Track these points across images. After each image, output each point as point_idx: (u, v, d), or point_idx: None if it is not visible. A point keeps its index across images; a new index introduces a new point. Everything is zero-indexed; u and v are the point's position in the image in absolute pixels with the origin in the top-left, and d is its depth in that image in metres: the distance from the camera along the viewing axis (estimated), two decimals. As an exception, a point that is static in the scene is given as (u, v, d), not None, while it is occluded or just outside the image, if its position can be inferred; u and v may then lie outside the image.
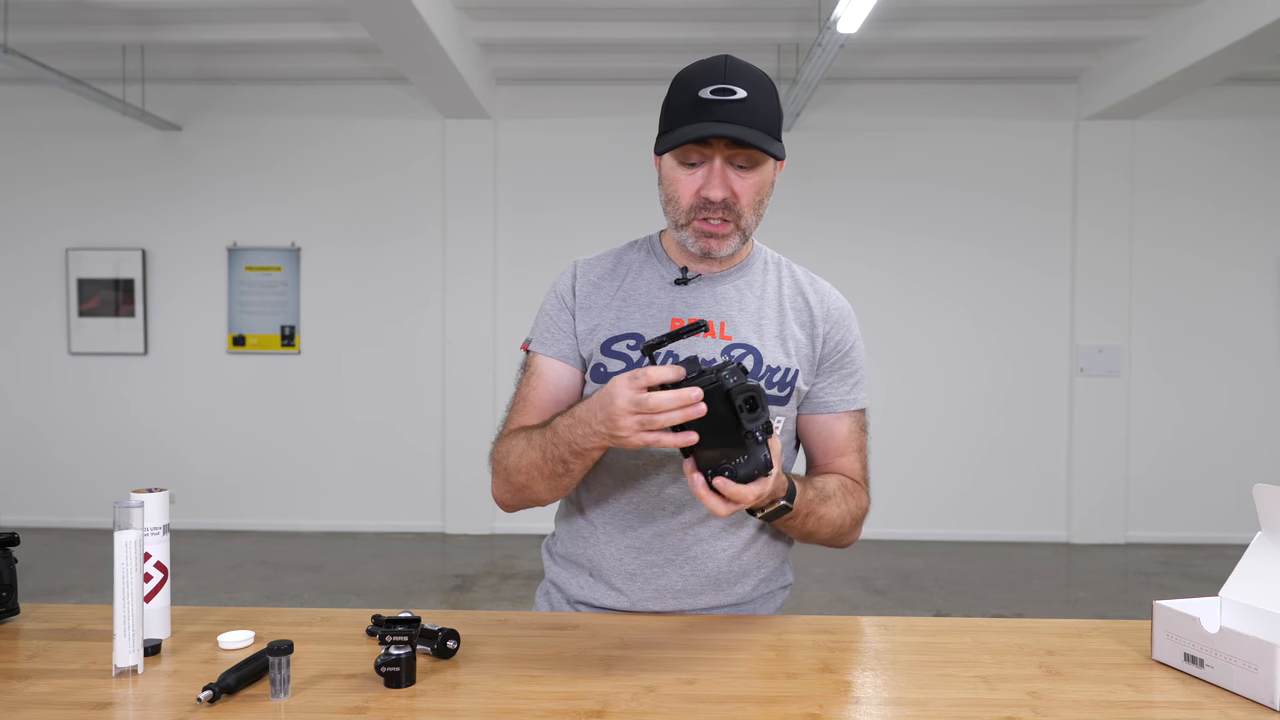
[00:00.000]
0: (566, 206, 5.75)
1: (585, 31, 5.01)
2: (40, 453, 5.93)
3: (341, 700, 0.99)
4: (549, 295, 1.41)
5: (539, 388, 1.36)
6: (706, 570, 1.33)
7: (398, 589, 4.63)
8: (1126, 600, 4.60)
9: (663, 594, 1.33)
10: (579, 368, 1.36)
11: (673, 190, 1.29)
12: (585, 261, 1.42)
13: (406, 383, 5.87)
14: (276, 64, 5.61)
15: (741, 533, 1.35)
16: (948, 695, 1.03)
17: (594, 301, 1.37)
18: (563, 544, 1.43)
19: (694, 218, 1.28)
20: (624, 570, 1.34)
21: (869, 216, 5.80)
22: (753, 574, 1.38)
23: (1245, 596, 1.14)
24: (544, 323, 1.39)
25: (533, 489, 1.28)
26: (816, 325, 1.38)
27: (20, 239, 5.92)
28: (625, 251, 1.43)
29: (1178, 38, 4.66)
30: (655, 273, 1.38)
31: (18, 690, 1.02)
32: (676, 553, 1.33)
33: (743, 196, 1.26)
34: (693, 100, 1.23)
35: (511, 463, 1.28)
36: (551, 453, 1.21)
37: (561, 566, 1.42)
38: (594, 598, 1.36)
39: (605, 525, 1.35)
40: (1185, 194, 5.74)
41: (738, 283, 1.37)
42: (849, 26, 3.79)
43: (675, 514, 1.32)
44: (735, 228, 1.28)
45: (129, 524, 1.05)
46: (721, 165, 1.24)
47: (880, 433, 5.70)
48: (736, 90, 1.21)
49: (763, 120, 1.23)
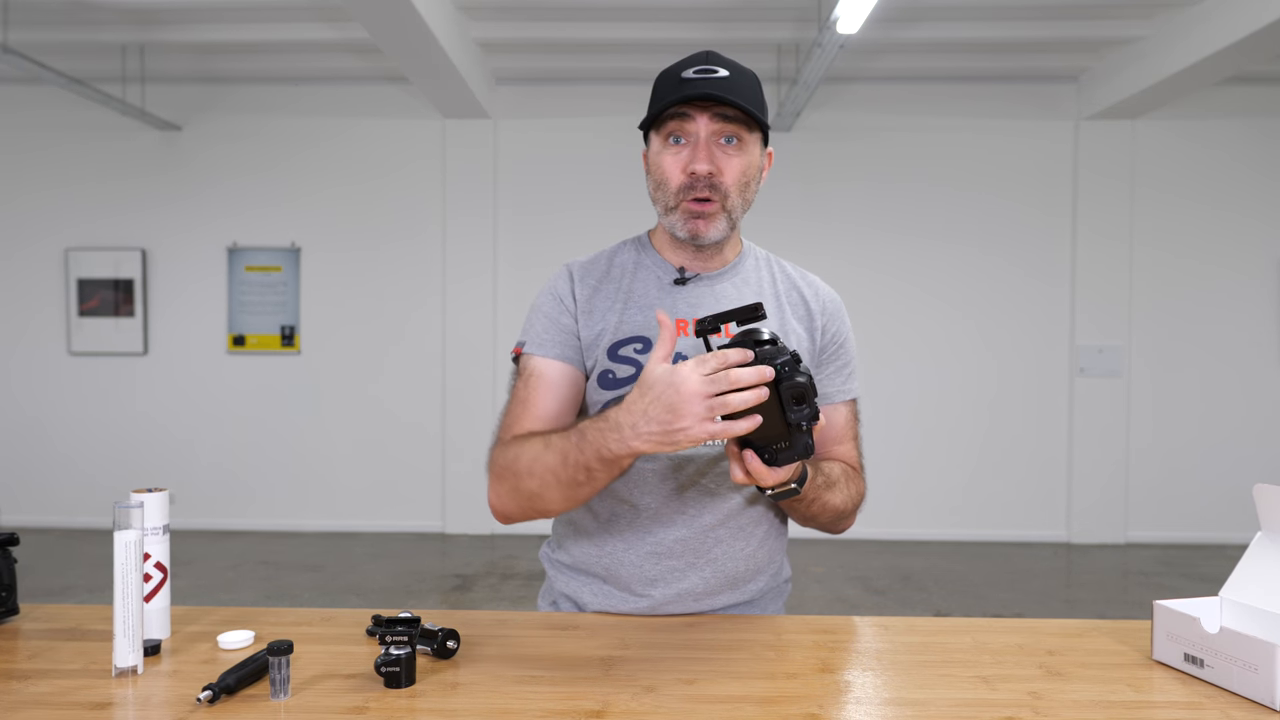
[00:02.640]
0: (567, 207, 5.75)
1: (585, 31, 5.01)
2: (40, 453, 5.93)
3: (341, 700, 0.99)
4: (545, 297, 1.37)
5: (541, 390, 1.30)
6: (727, 571, 1.33)
7: (398, 589, 4.63)
8: (1126, 600, 4.60)
9: (684, 597, 1.32)
10: (581, 370, 1.33)
11: (660, 174, 1.29)
12: (579, 265, 1.39)
13: (406, 382, 5.87)
14: (276, 64, 5.61)
15: (757, 531, 1.36)
16: (948, 695, 1.03)
17: (595, 306, 1.34)
18: (571, 553, 1.38)
19: (682, 199, 1.27)
20: (645, 576, 1.32)
21: (869, 216, 5.79)
22: (765, 570, 1.39)
23: (1245, 596, 1.14)
24: (541, 324, 1.34)
25: (544, 497, 1.20)
26: (814, 319, 1.40)
27: (20, 239, 5.92)
28: (616, 253, 1.41)
29: (1178, 38, 4.66)
30: (651, 274, 1.37)
31: (18, 690, 1.02)
32: (698, 555, 1.32)
33: (728, 174, 1.27)
34: (676, 81, 1.26)
35: (524, 466, 1.20)
36: (575, 459, 1.14)
37: (571, 576, 1.38)
38: (611, 606, 1.33)
39: (623, 533, 1.33)
40: (1185, 194, 5.74)
41: (734, 280, 1.38)
42: (849, 26, 3.79)
43: (696, 517, 1.31)
44: (722, 208, 1.28)
45: (129, 524, 1.05)
46: (707, 139, 1.26)
47: (881, 433, 5.74)
48: (719, 70, 1.25)
49: (746, 97, 1.26)
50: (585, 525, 1.36)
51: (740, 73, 1.27)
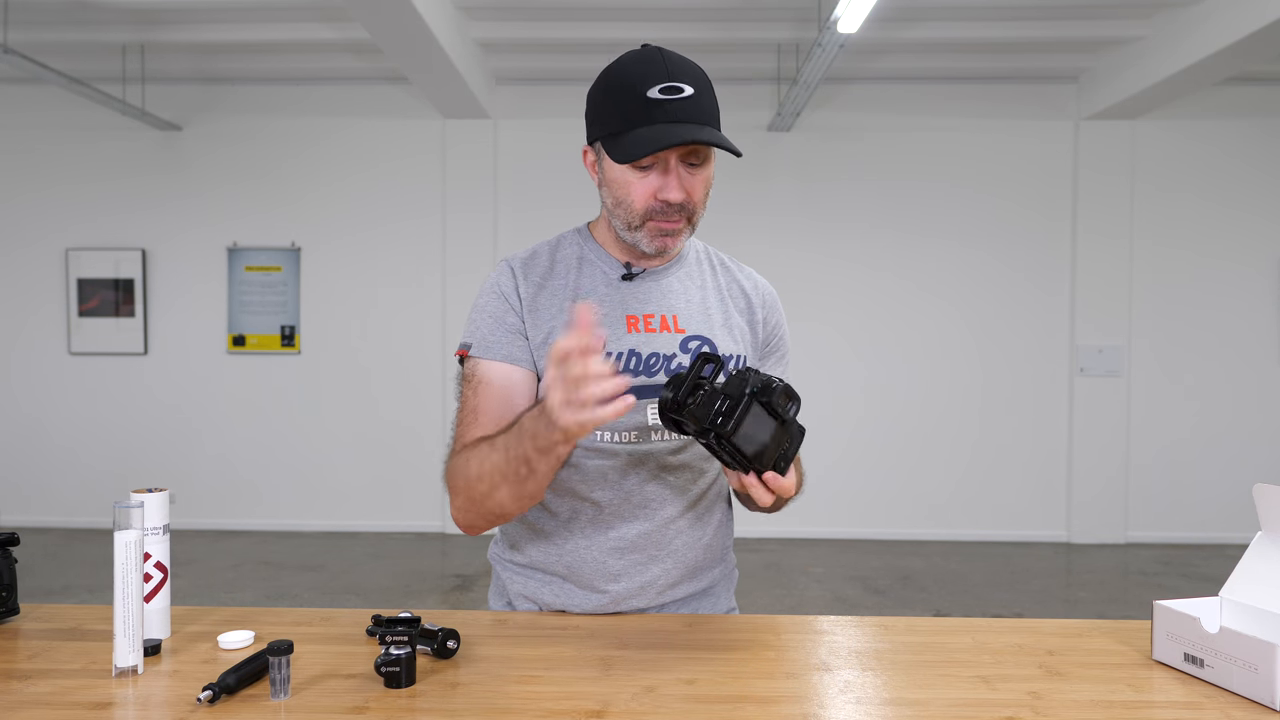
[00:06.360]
0: (567, 207, 5.72)
1: (585, 31, 5.01)
2: (40, 453, 5.93)
3: (341, 700, 0.99)
4: (488, 296, 1.33)
5: (490, 396, 1.27)
6: (686, 561, 1.35)
7: (398, 589, 4.63)
8: (1126, 600, 4.60)
9: (645, 590, 1.33)
10: (531, 369, 1.30)
11: (624, 194, 1.25)
12: (519, 260, 1.36)
13: (406, 383, 5.87)
14: (276, 64, 5.61)
15: (712, 519, 1.38)
16: (948, 695, 1.03)
17: (541, 304, 1.31)
18: (527, 554, 1.37)
19: (649, 219, 1.26)
20: (608, 572, 1.31)
21: (869, 216, 5.79)
22: (719, 558, 1.41)
23: (1245, 596, 1.14)
24: (486, 325, 1.31)
25: (494, 497, 1.19)
26: (755, 311, 1.41)
27: (20, 239, 5.92)
28: (558, 247, 1.38)
29: (1178, 38, 4.66)
30: (597, 270, 1.35)
31: (18, 690, 1.02)
32: (659, 548, 1.32)
33: (695, 194, 1.26)
34: (641, 101, 1.20)
35: (472, 471, 1.20)
36: (515, 452, 1.13)
37: (528, 576, 1.36)
38: (573, 604, 1.33)
39: (583, 529, 1.32)
40: (1185, 194, 5.74)
41: (679, 274, 1.37)
42: (849, 26, 3.80)
43: (657, 510, 1.32)
44: (688, 223, 1.28)
45: (129, 524, 1.05)
46: (676, 165, 1.23)
47: (881, 433, 5.75)
48: (684, 88, 1.20)
49: (710, 115, 1.23)
50: (544, 525, 1.35)
51: (700, 83, 1.22)
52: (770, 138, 5.70)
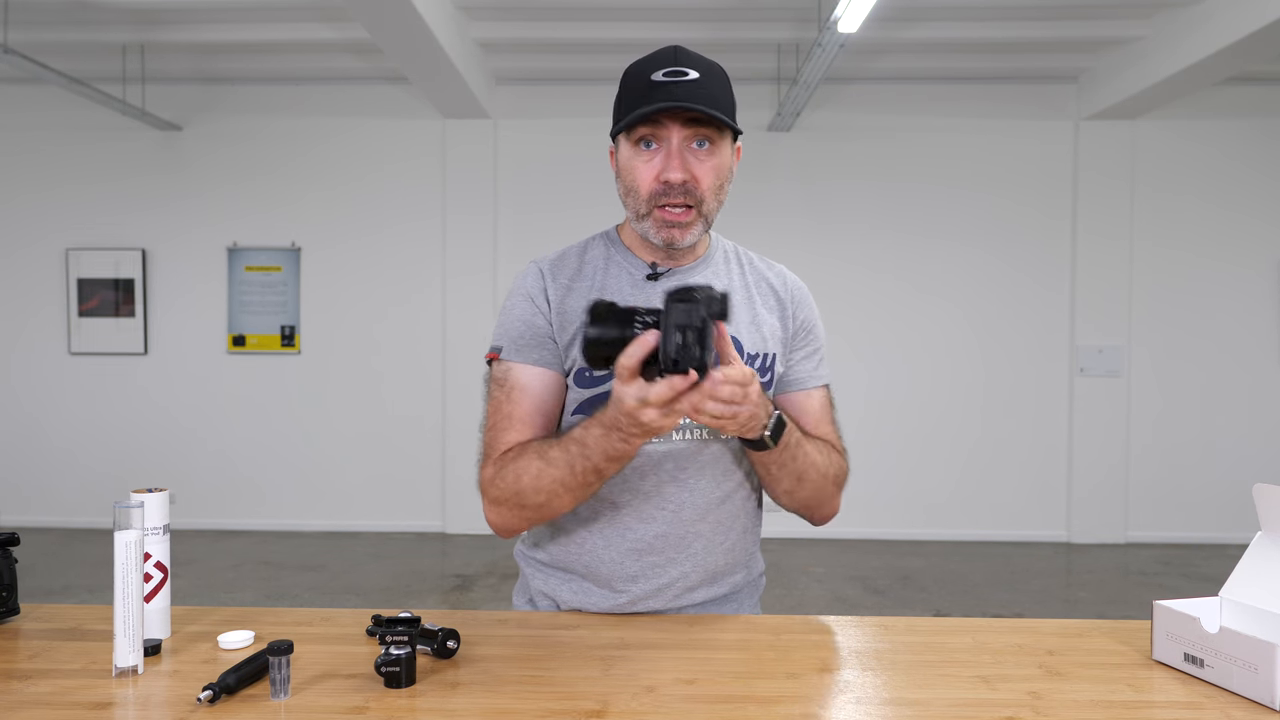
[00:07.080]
0: (567, 206, 5.75)
1: (585, 31, 5.01)
2: (40, 453, 5.93)
3: (341, 700, 0.99)
4: (516, 299, 1.34)
5: (524, 402, 1.28)
6: (706, 565, 1.34)
7: (398, 589, 4.63)
8: (1126, 600, 4.60)
9: (663, 592, 1.32)
10: (560, 372, 1.31)
11: (631, 179, 1.26)
12: (548, 262, 1.37)
13: (407, 383, 5.87)
14: (276, 64, 5.61)
15: (736, 525, 1.37)
16: (948, 695, 1.03)
17: (569, 306, 1.31)
18: (549, 551, 1.38)
19: (655, 205, 1.25)
20: (626, 573, 1.32)
21: (869, 216, 5.79)
22: (742, 564, 1.40)
23: (1245, 596, 1.14)
24: (515, 328, 1.32)
25: (552, 506, 1.23)
26: (785, 307, 1.41)
27: (20, 239, 5.92)
28: (586, 249, 1.39)
29: (1178, 38, 4.66)
30: (623, 270, 1.35)
31: (18, 690, 1.02)
32: (679, 550, 1.32)
33: (703, 180, 1.25)
34: (645, 84, 1.22)
35: (526, 486, 1.22)
36: (582, 465, 1.17)
37: (549, 574, 1.38)
38: (591, 603, 1.33)
39: (603, 530, 1.32)
40: (1185, 194, 5.74)
41: (705, 273, 1.37)
42: (849, 26, 3.79)
43: (677, 512, 1.31)
44: (698, 214, 1.26)
45: (129, 524, 1.05)
46: (679, 145, 1.23)
47: (881, 432, 5.74)
48: (689, 72, 1.22)
49: (717, 100, 1.23)
50: (564, 523, 1.35)
51: (710, 72, 1.24)
52: (770, 138, 5.70)
